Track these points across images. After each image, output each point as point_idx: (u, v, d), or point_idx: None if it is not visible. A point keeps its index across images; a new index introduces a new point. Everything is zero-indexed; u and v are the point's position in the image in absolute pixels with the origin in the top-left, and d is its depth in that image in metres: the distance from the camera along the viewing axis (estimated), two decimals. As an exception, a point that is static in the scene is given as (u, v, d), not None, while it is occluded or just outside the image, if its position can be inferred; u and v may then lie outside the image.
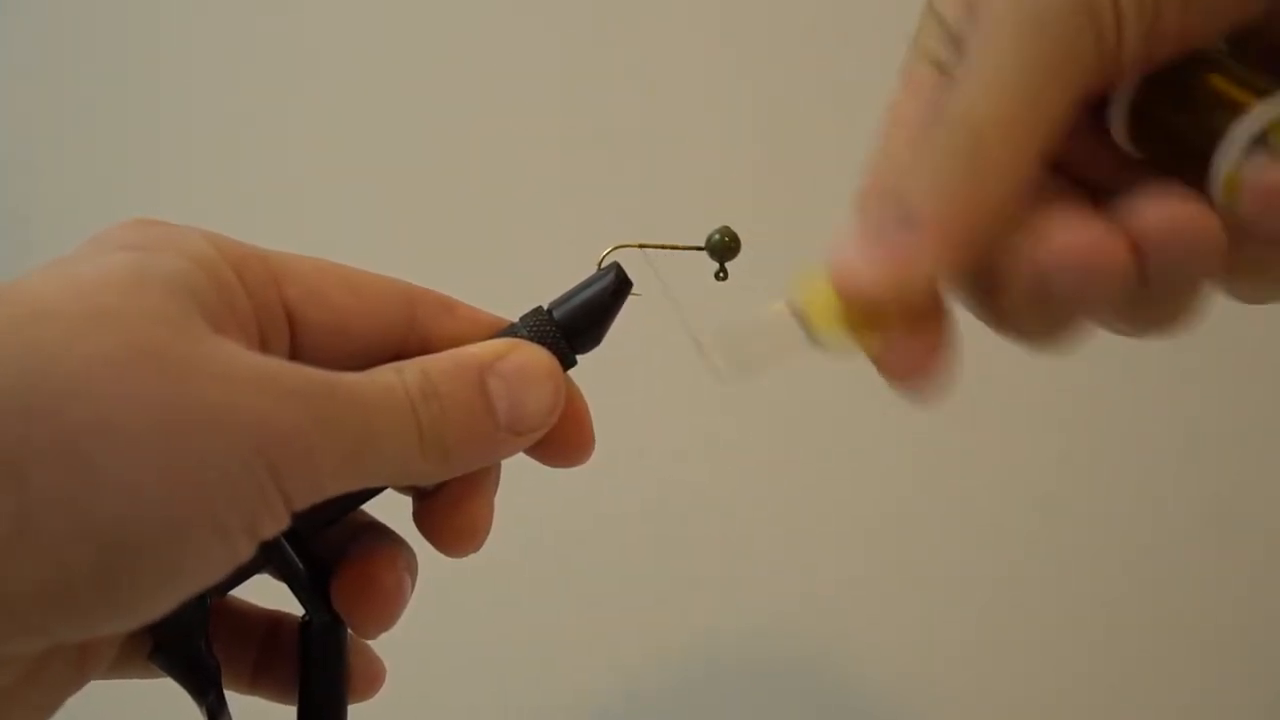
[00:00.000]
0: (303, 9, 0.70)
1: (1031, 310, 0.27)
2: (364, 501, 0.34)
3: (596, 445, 0.34)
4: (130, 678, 0.33)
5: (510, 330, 0.34)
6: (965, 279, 0.28)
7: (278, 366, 0.27)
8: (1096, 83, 0.27)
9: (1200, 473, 0.63)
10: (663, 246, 0.34)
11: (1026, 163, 0.26)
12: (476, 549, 0.34)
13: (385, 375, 0.30)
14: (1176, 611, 0.62)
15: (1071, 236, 0.26)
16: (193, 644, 0.32)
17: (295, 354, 0.32)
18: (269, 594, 0.35)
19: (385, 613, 0.34)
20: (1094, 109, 0.28)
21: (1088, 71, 0.26)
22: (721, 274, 0.35)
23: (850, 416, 0.64)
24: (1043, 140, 0.26)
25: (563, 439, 0.33)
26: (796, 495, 0.64)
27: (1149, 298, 0.26)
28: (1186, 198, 0.25)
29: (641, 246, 0.34)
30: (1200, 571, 0.62)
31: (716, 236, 0.34)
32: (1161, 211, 0.25)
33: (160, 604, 0.26)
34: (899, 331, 0.28)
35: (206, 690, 0.32)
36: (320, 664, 0.34)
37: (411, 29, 0.69)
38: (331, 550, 0.35)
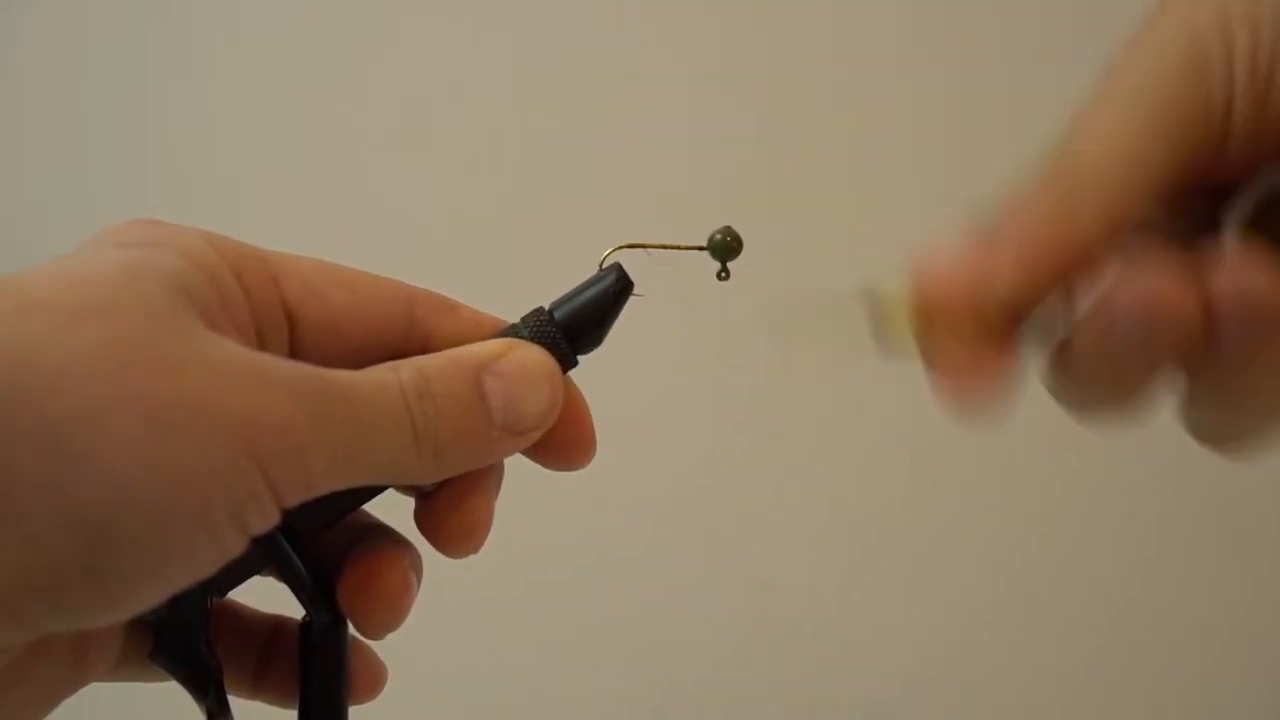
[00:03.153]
0: (307, 9, 0.70)
1: (1097, 359, 0.27)
2: (364, 502, 0.34)
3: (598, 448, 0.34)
4: (131, 679, 0.33)
5: (511, 331, 0.33)
6: (1041, 318, 0.28)
7: (270, 362, 0.27)
8: (1207, 147, 0.27)
9: (1201, 475, 0.62)
10: (664, 246, 0.34)
11: (1117, 207, 0.27)
12: (476, 550, 0.34)
13: (380, 373, 0.30)
14: (1178, 615, 0.61)
15: (1142, 283, 0.25)
16: (193, 644, 0.32)
17: (294, 353, 0.32)
18: (269, 596, 0.35)
19: (391, 612, 0.34)
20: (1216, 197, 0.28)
21: (1196, 134, 0.27)
22: (723, 274, 0.34)
23: (855, 425, 0.63)
24: (1138, 191, 0.27)
25: (563, 441, 0.33)
26: (797, 501, 0.63)
27: (1220, 371, 0.26)
28: (1267, 270, 0.25)
29: (643, 246, 0.34)
30: (1202, 575, 0.61)
31: (718, 236, 0.34)
32: (1237, 275, 0.25)
33: (147, 596, 0.26)
34: (961, 345, 0.28)
35: (207, 690, 0.32)
36: (320, 665, 0.34)
37: (415, 29, 0.70)
38: (336, 551, 0.34)
